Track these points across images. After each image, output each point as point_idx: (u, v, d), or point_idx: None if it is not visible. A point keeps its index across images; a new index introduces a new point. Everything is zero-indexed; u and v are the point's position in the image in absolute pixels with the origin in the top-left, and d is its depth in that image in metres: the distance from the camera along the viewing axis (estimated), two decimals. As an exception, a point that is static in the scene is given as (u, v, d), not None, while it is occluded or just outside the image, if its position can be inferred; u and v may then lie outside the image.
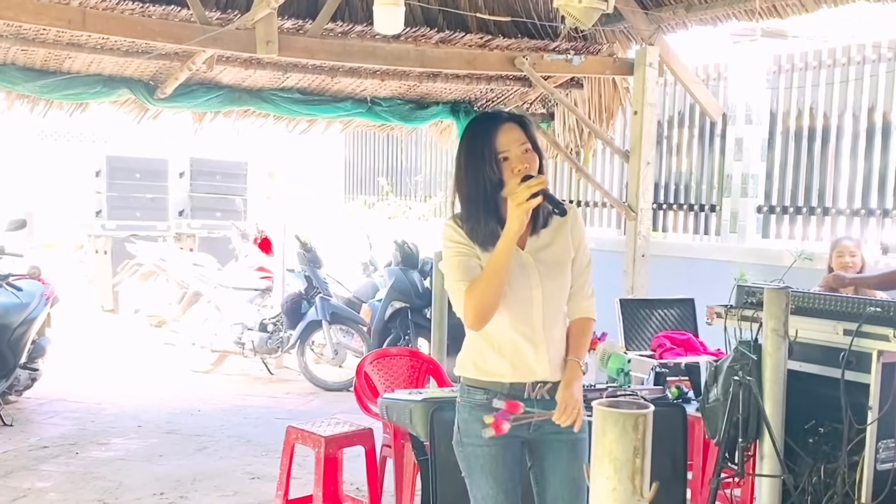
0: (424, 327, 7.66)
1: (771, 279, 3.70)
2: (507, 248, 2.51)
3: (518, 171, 2.57)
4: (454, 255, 2.63)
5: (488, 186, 2.59)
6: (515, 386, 2.67)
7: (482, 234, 2.61)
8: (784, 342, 3.09)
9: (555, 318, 2.69)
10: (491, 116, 2.71)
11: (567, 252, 2.72)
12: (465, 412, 2.73)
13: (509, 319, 2.64)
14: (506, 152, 2.60)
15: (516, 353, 2.66)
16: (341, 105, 7.16)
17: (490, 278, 2.53)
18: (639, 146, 6.47)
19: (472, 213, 2.63)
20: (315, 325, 7.96)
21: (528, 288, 2.64)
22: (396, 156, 11.96)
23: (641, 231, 6.53)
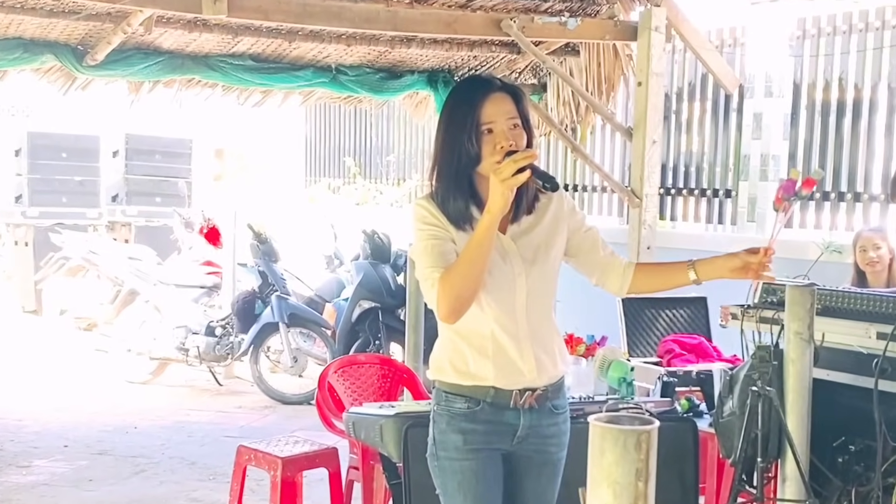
0: (397, 330, 7.66)
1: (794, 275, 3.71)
2: (489, 230, 2.51)
3: (501, 147, 2.58)
4: (426, 238, 2.64)
5: (464, 159, 2.61)
6: (501, 392, 2.69)
7: (454, 212, 2.64)
8: (809, 347, 3.10)
9: (541, 311, 2.72)
10: (481, 82, 2.71)
11: (552, 235, 2.75)
12: (442, 422, 2.74)
13: (491, 313, 2.66)
14: (490, 124, 2.61)
15: (500, 352, 2.68)
16: (301, 74, 7.12)
17: (468, 264, 2.54)
18: (643, 122, 6.48)
19: (447, 188, 2.65)
20: (271, 328, 7.95)
21: (511, 276, 2.66)
22: (365, 133, 11.93)
23: (646, 220, 6.55)
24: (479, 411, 2.70)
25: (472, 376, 2.70)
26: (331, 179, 12.32)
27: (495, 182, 2.48)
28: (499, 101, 2.64)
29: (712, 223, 7.40)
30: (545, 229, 2.76)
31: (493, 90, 2.66)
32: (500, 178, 2.47)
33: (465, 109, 2.63)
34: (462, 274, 2.55)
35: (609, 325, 5.13)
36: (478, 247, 2.53)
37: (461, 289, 2.56)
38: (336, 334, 8.04)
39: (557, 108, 7.66)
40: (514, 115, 2.64)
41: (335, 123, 12.44)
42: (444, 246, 2.63)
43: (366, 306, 8.00)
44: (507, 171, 2.46)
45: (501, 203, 2.49)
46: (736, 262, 2.69)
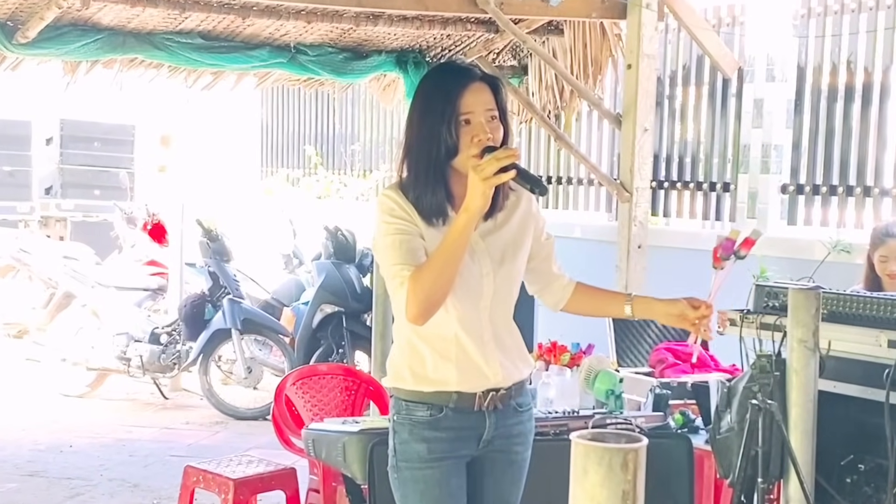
0: (363, 337, 7.66)
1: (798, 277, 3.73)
2: (466, 229, 2.60)
3: (478, 140, 2.68)
4: (394, 232, 2.71)
5: (442, 150, 2.70)
6: (464, 396, 2.79)
7: (426, 206, 2.72)
8: (814, 356, 3.12)
9: (505, 313, 2.85)
10: (460, 70, 2.82)
11: (521, 236, 2.87)
12: (403, 432, 2.82)
13: (455, 314, 2.75)
14: (469, 115, 2.71)
15: (463, 354, 2.78)
16: (256, 53, 7.09)
17: (441, 264, 2.62)
18: (633, 109, 6.50)
19: (419, 179, 2.73)
20: (222, 335, 7.94)
21: (479, 276, 2.77)
22: (327, 119, 11.91)
23: (637, 216, 6.57)
24: (443, 418, 2.79)
25: (434, 382, 2.79)
26: (289, 170, 12.28)
27: (475, 180, 2.56)
28: (478, 92, 2.74)
29: (709, 220, 7.42)
30: (514, 229, 2.87)
31: (474, 80, 2.75)
32: (482, 176, 2.55)
33: (444, 98, 2.71)
34: (434, 274, 2.62)
35: (596, 333, 5.14)
36: (453, 246, 2.61)
37: (433, 290, 2.63)
38: (295, 342, 8.02)
39: (539, 93, 7.66)
40: (493, 107, 2.74)
41: (294, 108, 12.40)
42: (413, 242, 2.70)
43: (328, 311, 7.99)
44: (490, 168, 2.54)
45: (481, 202, 2.58)
46: (674, 309, 2.90)
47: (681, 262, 7.06)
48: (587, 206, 8.44)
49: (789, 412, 3.15)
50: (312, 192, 11.53)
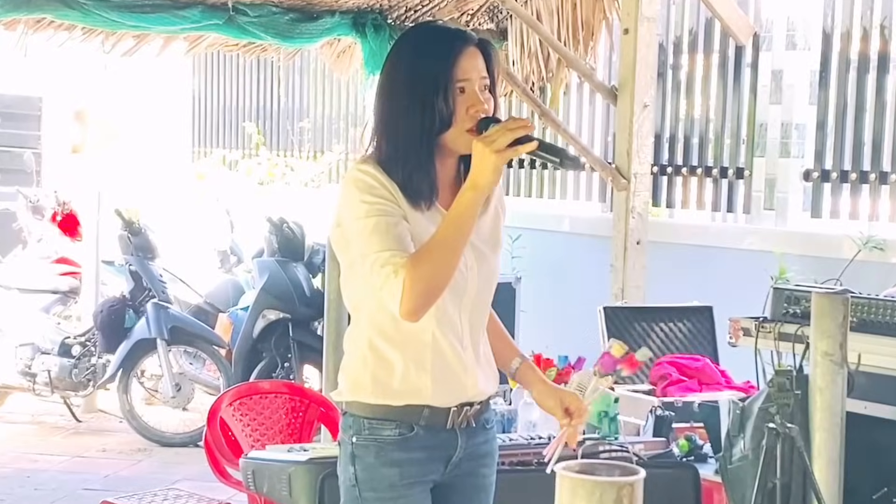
0: (312, 349, 7.65)
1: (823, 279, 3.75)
2: (473, 207, 2.66)
3: (475, 111, 2.74)
4: (376, 214, 2.72)
5: (436, 122, 2.74)
6: (436, 412, 2.81)
7: (418, 186, 2.76)
8: (841, 372, 3.13)
9: (482, 316, 2.91)
10: (453, 32, 2.89)
11: (496, 229, 2.94)
12: (369, 456, 2.82)
13: (434, 313, 2.76)
14: (465, 82, 2.77)
15: (441, 362, 2.80)
16: (186, 13, 7.05)
17: (444, 248, 2.67)
18: (631, 81, 6.50)
19: (408, 156, 2.76)
20: (145, 346, 7.90)
21: (462, 270, 2.80)
22: (271, 91, 11.87)
23: (635, 206, 6.58)
24: (413, 437, 2.81)
25: (403, 394, 2.80)
26: (226, 151, 12.22)
27: (484, 153, 2.61)
28: (474, 57, 2.80)
29: (720, 211, 7.43)
30: (491, 219, 2.92)
31: (470, 43, 2.81)
32: (494, 148, 2.60)
33: (437, 62, 2.76)
34: (437, 261, 2.66)
35: (587, 343, 5.15)
36: (459, 227, 2.66)
37: (434, 280, 2.67)
38: (232, 354, 8.00)
39: (521, 62, 7.65)
40: (486, 75, 2.81)
41: (232, 79, 12.34)
42: (399, 226, 2.72)
43: (271, 318, 7.97)
44: (503, 140, 2.60)
45: (493, 177, 2.64)
46: (550, 402, 2.99)
47: (686, 261, 7.08)
48: (577, 195, 8.45)
49: (812, 437, 3.16)
50: (253, 176, 11.47)
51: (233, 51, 8.12)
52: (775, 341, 3.40)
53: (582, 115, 8.39)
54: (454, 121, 2.74)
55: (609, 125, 7.97)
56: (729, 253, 6.93)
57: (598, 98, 7.92)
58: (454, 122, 2.74)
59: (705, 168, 7.50)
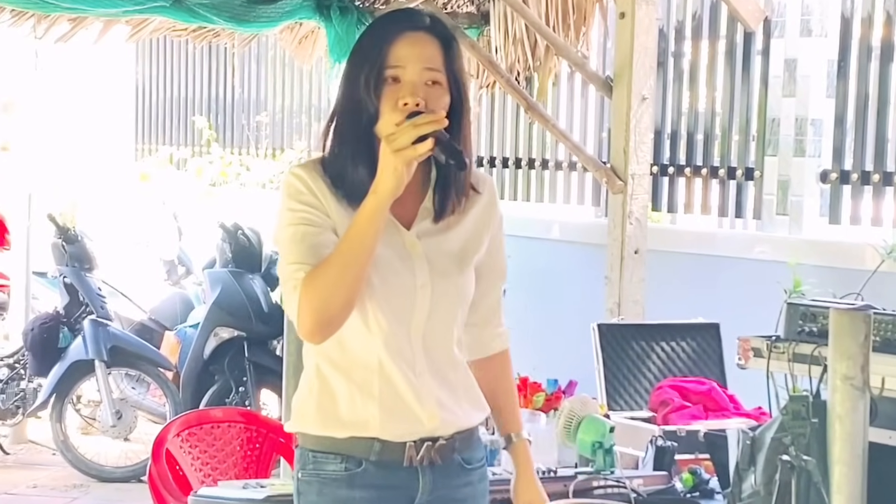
0: (271, 371, 7.64)
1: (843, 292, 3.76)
2: (373, 216, 2.66)
3: (405, 104, 2.72)
4: (297, 222, 2.78)
5: (362, 116, 2.77)
6: (389, 447, 2.80)
7: (350, 185, 2.78)
8: (863, 398, 3.14)
9: (445, 338, 2.87)
10: (401, 15, 2.94)
11: (474, 242, 2.92)
12: (311, 493, 2.84)
13: (380, 335, 2.78)
14: (396, 70, 2.77)
15: (390, 390, 2.80)
16: (129, -6, 7.03)
17: (341, 263, 2.67)
18: (628, 71, 6.51)
19: (340, 153, 2.82)
20: (82, 368, 7.89)
21: (412, 288, 2.80)
22: (224, 82, 11.85)
23: (633, 210, 6.58)
24: (361, 473, 2.80)
25: (349, 425, 2.80)
26: (173, 148, 12.19)
27: (386, 152, 2.62)
28: (417, 43, 2.78)
29: (727, 216, 7.45)
30: (465, 232, 2.91)
31: (414, 27, 2.80)
32: (395, 147, 2.60)
33: (368, 50, 2.79)
34: (333, 276, 2.67)
35: (579, 365, 5.16)
36: (357, 240, 2.66)
37: (330, 297, 2.67)
38: (180, 378, 7.97)
39: (505, 50, 7.66)
40: (435, 67, 2.78)
41: (180, 68, 12.32)
42: (319, 236, 2.75)
43: (224, 336, 7.96)
44: (405, 138, 2.60)
45: (393, 182, 2.62)
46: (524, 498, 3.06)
47: (690, 272, 7.09)
48: (568, 199, 8.45)
49: (831, 471, 3.16)
50: (204, 177, 11.45)
51: (181, 36, 8.11)
52: (789, 363, 3.40)
53: (573, 109, 8.40)
54: (381, 112, 2.74)
55: (604, 120, 7.98)
56: (737, 263, 6.93)
57: (592, 90, 7.92)
58: (382, 114, 2.74)
59: (711, 168, 7.51)
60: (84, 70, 12.34)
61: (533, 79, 7.90)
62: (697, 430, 4.44)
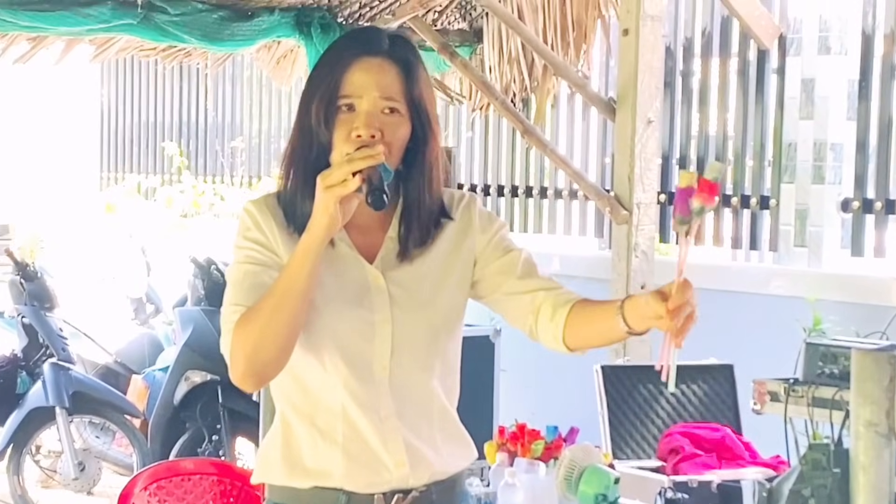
0: (246, 418, 7.62)
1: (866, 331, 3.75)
2: (305, 257, 2.68)
3: (357, 136, 2.74)
4: (241, 261, 2.82)
5: (314, 147, 2.81)
6: (356, 499, 2.80)
7: (299, 220, 2.79)
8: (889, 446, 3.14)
9: (416, 376, 2.86)
10: (358, 37, 2.92)
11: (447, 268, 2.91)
12: None
13: (339, 377, 2.80)
14: (350, 99, 2.78)
15: (354, 435, 2.81)
16: (92, 11, 7.04)
17: (275, 302, 2.69)
18: (632, 92, 6.52)
19: (292, 186, 2.85)
20: (42, 415, 7.86)
21: (369, 324, 2.81)
22: (196, 105, 11.86)
23: (639, 242, 6.57)
24: None
25: (312, 474, 2.81)
26: (141, 176, 12.21)
27: (319, 189, 2.64)
28: (373, 70, 2.79)
29: (740, 248, 7.46)
30: (436, 260, 2.90)
31: (370, 52, 2.81)
32: (326, 183, 2.63)
33: (323, 75, 2.82)
34: (263, 320, 2.69)
35: (582, 410, 5.15)
36: (288, 281, 2.69)
37: (260, 342, 2.69)
38: (148, 426, 7.94)
39: (500, 69, 7.68)
40: (392, 95, 2.79)
41: (148, 90, 12.34)
42: (260, 276, 2.78)
43: (197, 380, 7.93)
44: (337, 174, 2.62)
45: (325, 220, 2.65)
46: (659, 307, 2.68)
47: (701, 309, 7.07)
48: (568, 230, 8.46)
49: (856, 525, 3.16)
50: (174, 207, 11.45)
51: (149, 56, 8.12)
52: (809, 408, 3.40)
53: (573, 133, 8.42)
54: (334, 144, 2.77)
55: (606, 145, 7.99)
56: (752, 299, 6.94)
57: (593, 112, 7.94)
58: (334, 146, 2.77)
59: (723, 196, 7.50)
60: (44, 93, 12.36)
61: (530, 101, 7.92)
62: (710, 480, 4.42)
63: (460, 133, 9.17)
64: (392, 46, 2.83)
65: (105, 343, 8.88)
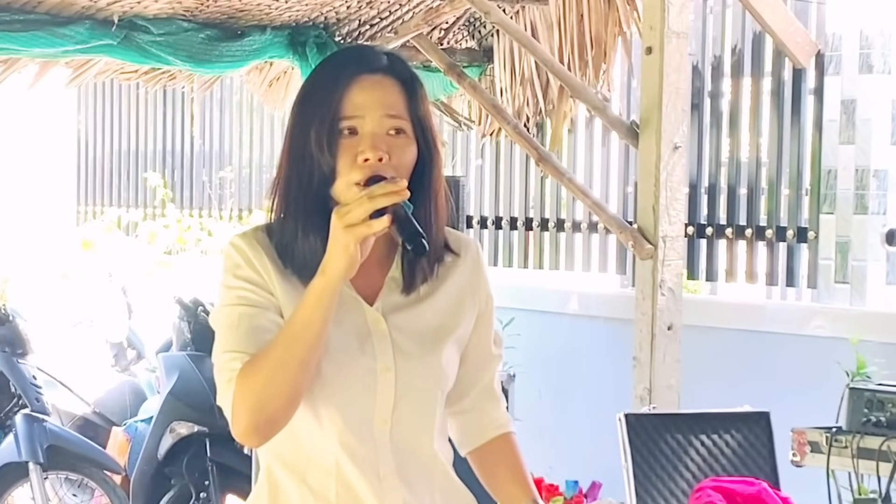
0: (237, 473, 7.62)
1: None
2: (321, 300, 2.64)
3: (364, 161, 2.71)
4: (234, 302, 2.78)
5: (314, 176, 2.76)
6: None
7: (297, 258, 2.77)
8: (942, 499, 3.14)
9: (420, 430, 2.85)
10: (355, 55, 2.91)
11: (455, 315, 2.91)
12: None
13: (335, 431, 2.77)
14: (354, 120, 2.75)
15: (348, 494, 2.78)
16: (69, 31, 7.07)
17: (284, 352, 2.66)
18: (657, 116, 6.52)
19: (287, 219, 2.80)
20: (14, 471, 7.85)
21: (371, 373, 2.79)
22: (181, 132, 11.88)
23: (665, 279, 6.57)
24: None
25: None
26: (122, 210, 12.21)
27: (337, 227, 2.59)
28: (375, 87, 2.77)
29: (777, 285, 7.45)
30: (443, 304, 2.90)
31: (371, 69, 2.79)
32: (346, 221, 2.58)
33: (322, 95, 2.78)
34: (271, 370, 2.66)
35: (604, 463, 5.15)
36: (300, 327, 2.66)
37: (267, 394, 2.66)
38: (130, 482, 7.93)
39: (512, 91, 7.70)
40: (398, 114, 2.77)
41: (129, 116, 12.35)
42: (258, 318, 2.75)
43: (183, 432, 7.92)
44: (358, 212, 2.57)
45: (344, 262, 2.61)
46: None
47: (734, 352, 7.08)
48: (588, 266, 8.46)
49: (905, 587, 3.16)
50: (158, 244, 11.46)
51: (130, 79, 8.14)
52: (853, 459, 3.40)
53: (593, 161, 8.43)
54: (338, 171, 2.73)
55: (629, 173, 8.01)
56: (789, 341, 6.93)
57: (614, 137, 7.95)
58: (339, 174, 2.73)
59: (757, 228, 7.52)
60: (16, 120, 12.38)
61: (545, 125, 7.94)
62: (745, 539, 4.43)
63: (469, 161, 9.18)
64: (391, 63, 2.82)
65: (83, 392, 8.85)
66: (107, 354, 9.35)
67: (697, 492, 4.92)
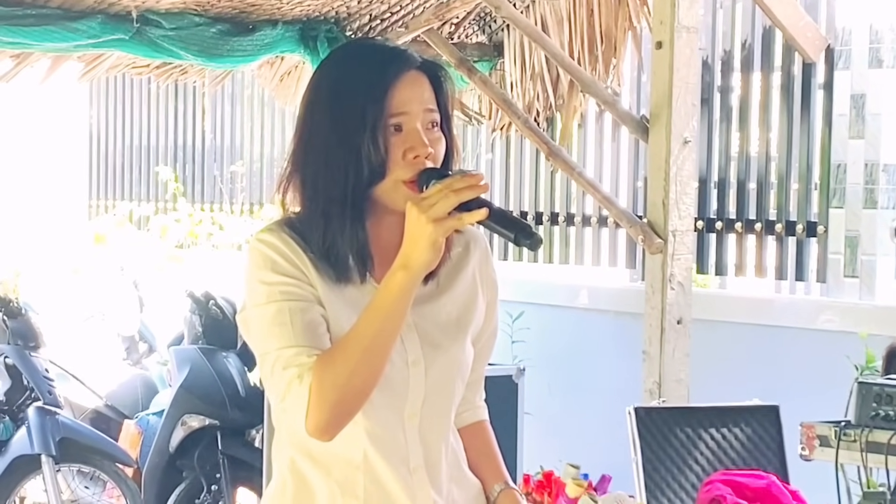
0: (248, 466, 7.63)
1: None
2: (404, 294, 2.63)
3: (415, 156, 2.71)
4: (277, 298, 2.72)
5: (364, 172, 2.71)
6: None
7: (342, 256, 2.75)
8: (951, 493, 3.14)
9: (442, 424, 2.86)
10: (389, 51, 2.87)
11: (471, 306, 2.92)
12: None
13: (364, 425, 2.75)
14: (402, 117, 2.73)
15: (377, 489, 2.78)
16: (81, 26, 7.08)
17: (368, 344, 2.64)
18: (666, 110, 6.52)
19: (329, 217, 2.75)
20: (27, 464, 7.87)
21: (402, 367, 2.78)
22: (192, 126, 11.87)
23: (675, 273, 6.56)
24: None
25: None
26: (134, 204, 12.21)
27: (419, 221, 2.56)
28: (416, 84, 2.77)
29: (786, 279, 7.44)
30: (461, 296, 2.91)
31: (411, 66, 2.77)
32: (432, 215, 2.55)
33: (365, 92, 2.72)
34: (352, 364, 2.63)
35: (614, 456, 5.14)
36: (381, 321, 2.64)
37: (350, 388, 2.64)
38: (142, 475, 7.94)
39: (522, 86, 7.69)
40: (434, 107, 2.78)
41: (141, 111, 12.35)
42: (309, 312, 2.72)
43: (194, 425, 7.93)
44: (444, 205, 2.55)
45: (429, 255, 2.59)
46: None
47: (743, 346, 7.07)
48: (597, 260, 8.46)
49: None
50: (169, 238, 11.46)
51: (142, 74, 8.15)
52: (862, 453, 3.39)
53: (602, 155, 8.42)
54: (388, 169, 2.71)
55: (639, 167, 8.00)
56: (799, 335, 6.92)
57: (624, 132, 7.94)
58: (388, 172, 2.71)
59: (766, 223, 7.51)
60: (29, 115, 12.39)
61: (555, 120, 7.93)
62: (755, 532, 4.43)
63: (479, 156, 9.17)
64: (422, 59, 2.82)
65: (95, 385, 8.86)
66: (119, 348, 9.37)
67: (707, 485, 4.91)
